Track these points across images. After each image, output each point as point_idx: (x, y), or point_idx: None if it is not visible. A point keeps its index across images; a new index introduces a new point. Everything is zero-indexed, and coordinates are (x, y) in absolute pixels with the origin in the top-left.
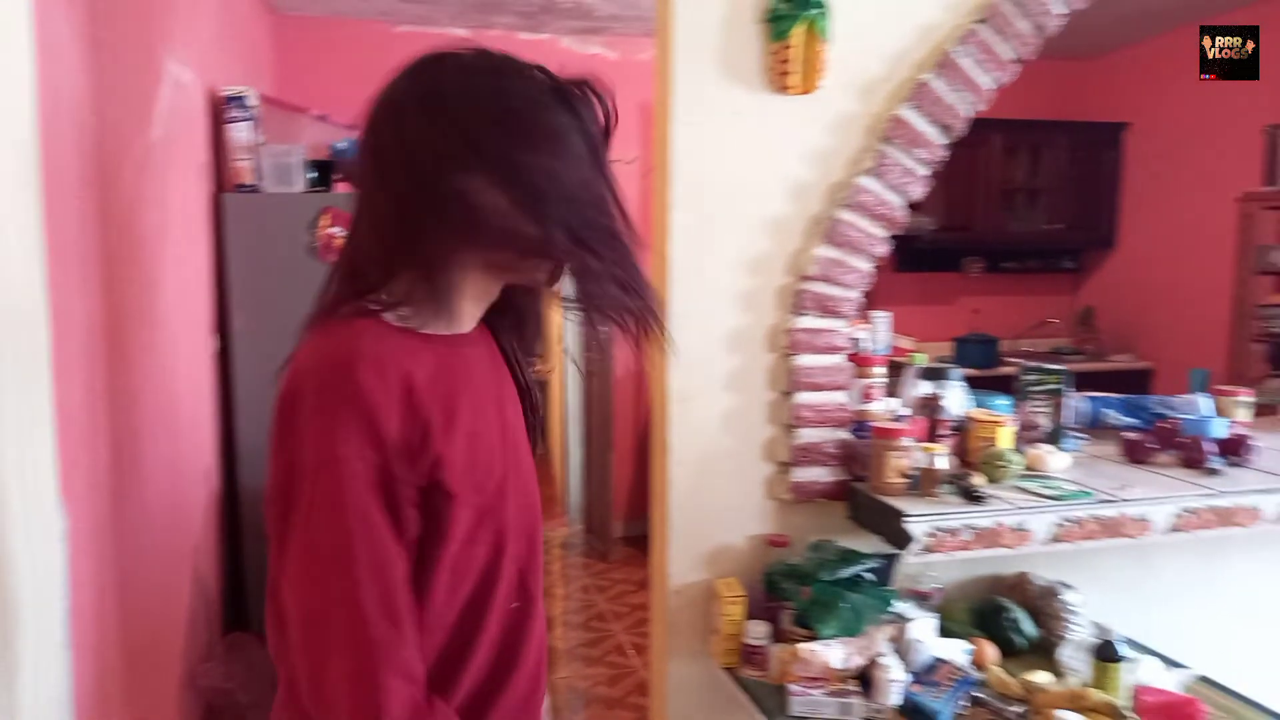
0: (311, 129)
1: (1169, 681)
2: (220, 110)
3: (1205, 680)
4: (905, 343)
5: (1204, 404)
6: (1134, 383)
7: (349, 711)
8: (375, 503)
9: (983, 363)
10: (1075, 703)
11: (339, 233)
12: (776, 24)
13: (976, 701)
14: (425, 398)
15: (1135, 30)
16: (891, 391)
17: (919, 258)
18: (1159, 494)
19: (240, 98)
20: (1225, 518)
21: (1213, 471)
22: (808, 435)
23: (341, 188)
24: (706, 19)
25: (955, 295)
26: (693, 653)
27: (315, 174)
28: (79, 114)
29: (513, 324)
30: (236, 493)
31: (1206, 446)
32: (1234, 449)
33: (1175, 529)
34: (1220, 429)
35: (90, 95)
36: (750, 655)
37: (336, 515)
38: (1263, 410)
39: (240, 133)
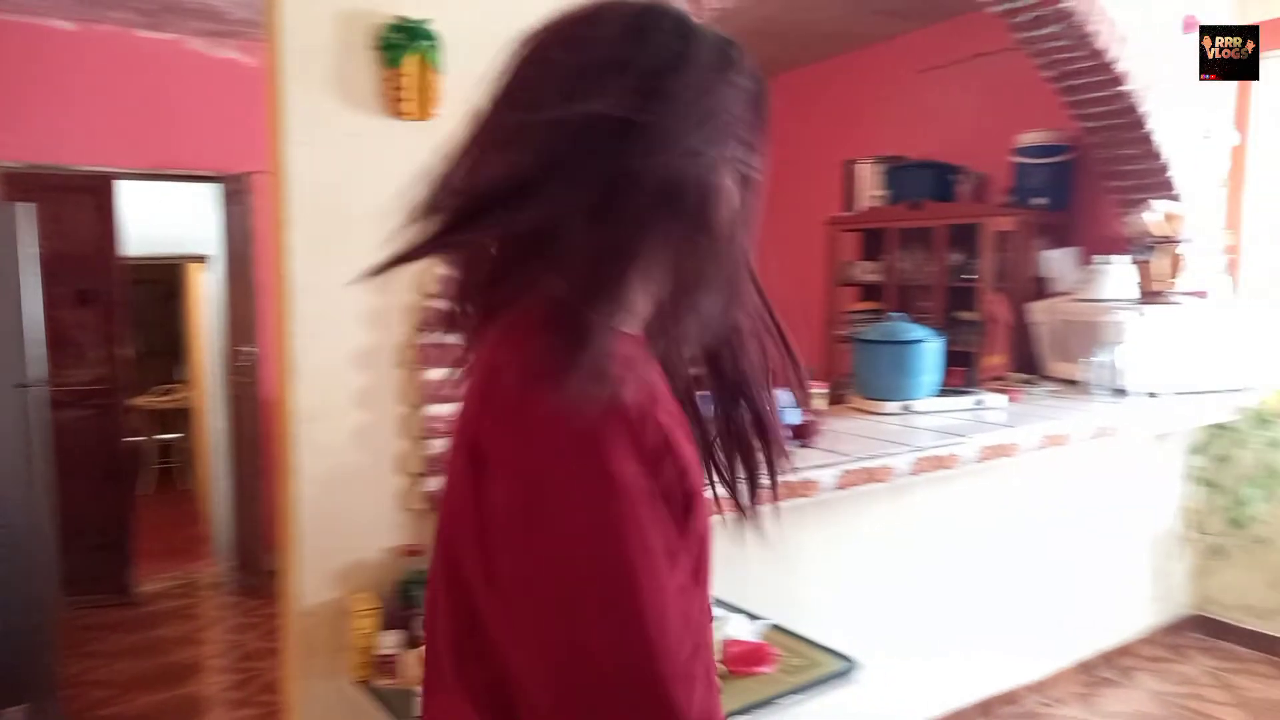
0: None
1: (749, 632)
2: None
3: (777, 628)
4: None
5: (784, 396)
6: None
7: None
8: (656, 532)
9: None
10: None
11: None
12: (389, 52)
13: None
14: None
15: None
16: None
17: None
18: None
19: None
20: (794, 490)
21: None
22: (439, 445)
23: None
24: (318, 42)
25: None
26: (327, 672)
27: None
28: None
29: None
30: None
31: (783, 431)
32: (805, 433)
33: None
34: (795, 416)
35: None
36: (382, 665)
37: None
38: (839, 399)
39: None
